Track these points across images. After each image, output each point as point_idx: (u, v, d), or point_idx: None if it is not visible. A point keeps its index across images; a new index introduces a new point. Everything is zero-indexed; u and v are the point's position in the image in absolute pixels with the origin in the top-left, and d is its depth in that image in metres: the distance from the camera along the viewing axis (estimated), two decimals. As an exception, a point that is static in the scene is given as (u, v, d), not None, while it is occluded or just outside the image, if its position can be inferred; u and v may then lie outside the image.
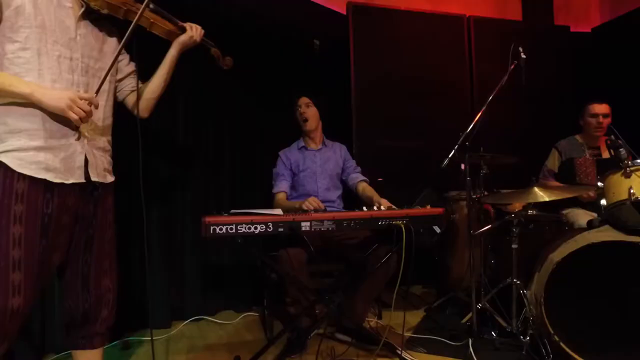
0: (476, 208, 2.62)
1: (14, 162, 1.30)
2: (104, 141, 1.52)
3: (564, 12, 4.25)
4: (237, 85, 3.00)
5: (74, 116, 1.30)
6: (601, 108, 2.86)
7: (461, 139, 2.23)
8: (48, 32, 1.34)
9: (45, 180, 1.32)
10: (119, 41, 1.52)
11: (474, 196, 2.51)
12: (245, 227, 1.73)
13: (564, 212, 2.81)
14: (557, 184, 2.89)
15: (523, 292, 2.17)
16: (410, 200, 2.93)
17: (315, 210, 2.00)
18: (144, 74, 1.67)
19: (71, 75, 1.39)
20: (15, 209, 1.28)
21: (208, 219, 1.70)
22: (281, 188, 2.51)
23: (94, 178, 1.43)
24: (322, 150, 2.66)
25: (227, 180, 2.97)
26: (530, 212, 2.51)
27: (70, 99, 1.30)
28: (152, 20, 1.55)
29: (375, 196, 2.39)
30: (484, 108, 2.31)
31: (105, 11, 1.43)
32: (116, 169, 1.59)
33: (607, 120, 2.86)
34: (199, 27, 1.68)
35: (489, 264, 2.68)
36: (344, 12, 3.45)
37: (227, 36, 2.94)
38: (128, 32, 1.41)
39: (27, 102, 1.31)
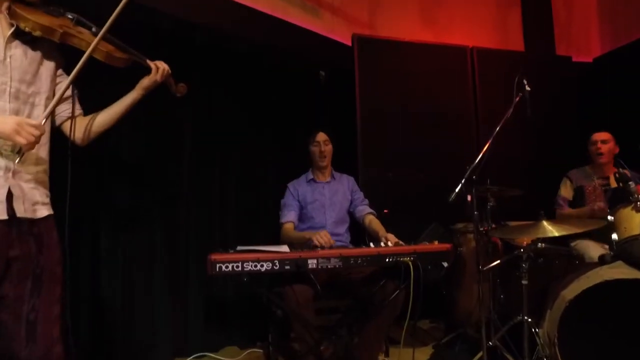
0: (484, 241, 2.58)
1: None
2: (38, 171, 1.38)
3: (565, 42, 4.31)
4: (243, 116, 3.03)
5: (22, 140, 1.22)
6: (600, 135, 2.92)
7: (467, 172, 2.21)
8: None
9: None
10: (59, 63, 1.45)
11: (482, 229, 2.48)
12: (251, 265, 1.71)
13: (573, 244, 2.77)
14: (570, 210, 2.91)
15: (535, 330, 2.11)
16: (417, 232, 2.90)
17: (322, 247, 1.98)
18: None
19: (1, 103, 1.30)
20: None
21: (214, 257, 1.68)
22: (289, 218, 2.50)
23: (19, 214, 1.29)
24: (331, 183, 2.67)
25: (232, 212, 2.95)
26: (539, 245, 2.47)
27: (17, 123, 1.23)
28: (106, 51, 1.41)
29: (382, 231, 2.37)
30: (490, 141, 2.31)
31: (37, 33, 1.30)
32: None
33: (607, 146, 2.89)
34: (165, 67, 1.57)
35: (498, 298, 2.62)
36: (349, 44, 3.51)
37: (234, 68, 3.02)
38: (79, 65, 1.31)
39: None
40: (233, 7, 3.04)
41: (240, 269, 1.70)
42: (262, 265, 1.72)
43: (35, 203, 1.35)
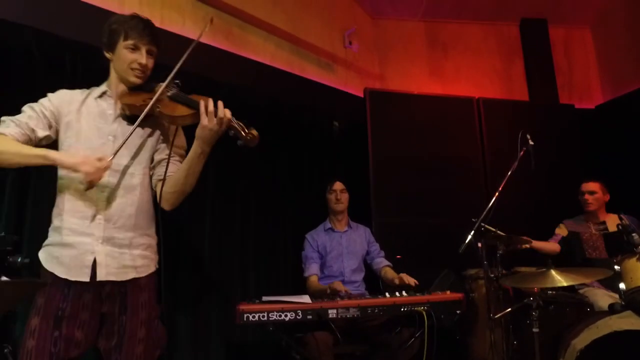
0: (495, 287, 2.67)
1: (43, 256, 1.45)
2: (133, 237, 1.48)
3: (567, 91, 4.51)
4: (262, 168, 3.19)
5: (87, 169, 1.32)
6: (587, 186, 3.03)
7: (476, 224, 2.35)
8: (82, 140, 1.46)
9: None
10: (164, 131, 1.56)
11: (492, 275, 2.58)
12: (276, 315, 1.84)
13: (582, 291, 2.84)
14: (557, 246, 2.99)
15: (548, 379, 2.16)
16: (429, 277, 2.99)
17: (341, 297, 2.10)
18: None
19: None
20: (38, 301, 1.39)
21: (242, 307, 1.82)
22: (312, 271, 2.63)
23: (100, 278, 1.40)
24: (348, 232, 2.81)
25: (251, 261, 3.04)
26: (549, 292, 2.54)
27: (85, 156, 1.36)
28: (168, 113, 1.44)
29: (397, 276, 2.48)
30: (496, 194, 2.45)
31: (128, 112, 1.47)
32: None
33: (594, 197, 2.99)
34: (220, 108, 1.42)
35: (511, 345, 2.68)
36: (362, 95, 3.75)
37: (254, 121, 3.22)
38: (137, 121, 1.40)
39: (66, 204, 1.43)
40: (253, 65, 3.31)
41: (266, 318, 1.83)
42: (286, 315, 1.85)
43: (124, 267, 1.45)
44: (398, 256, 3.10)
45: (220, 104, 1.42)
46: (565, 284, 2.16)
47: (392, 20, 4.41)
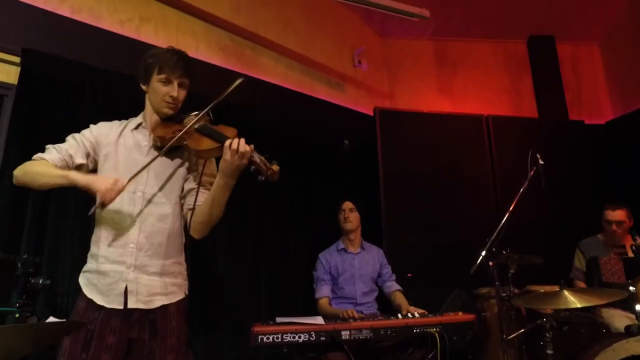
0: (507, 307, 2.66)
1: (82, 281, 1.52)
2: (164, 265, 1.52)
3: (577, 107, 4.51)
4: (271, 186, 3.17)
5: (100, 186, 1.37)
6: (615, 215, 2.92)
7: (488, 244, 2.35)
8: (120, 171, 1.52)
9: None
10: (190, 163, 1.59)
11: (504, 295, 2.57)
12: (290, 336, 1.86)
13: (597, 312, 2.80)
14: (583, 285, 2.93)
15: (563, 402, 2.14)
16: (439, 295, 2.99)
17: (355, 319, 2.11)
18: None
19: (132, 207, 1.50)
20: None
21: (256, 329, 1.84)
22: (323, 293, 2.65)
23: (131, 305, 1.45)
24: (361, 253, 2.83)
25: (263, 280, 3.05)
26: (563, 313, 2.52)
27: (100, 177, 1.44)
28: (194, 147, 1.47)
29: (404, 304, 2.50)
30: (507, 214, 2.46)
31: (159, 144, 1.52)
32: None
33: (623, 227, 2.90)
34: (240, 147, 1.41)
35: (525, 366, 2.65)
36: (371, 114, 3.80)
37: (264, 140, 3.26)
38: (162, 151, 1.46)
39: (102, 232, 1.51)
40: (264, 85, 3.39)
41: (280, 340, 1.85)
42: (299, 336, 1.87)
43: (153, 294, 1.49)
44: (409, 274, 3.10)
45: (242, 139, 1.44)
46: (578, 305, 2.14)
47: (400, 39, 4.49)
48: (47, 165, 1.48)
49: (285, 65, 3.62)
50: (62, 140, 2.28)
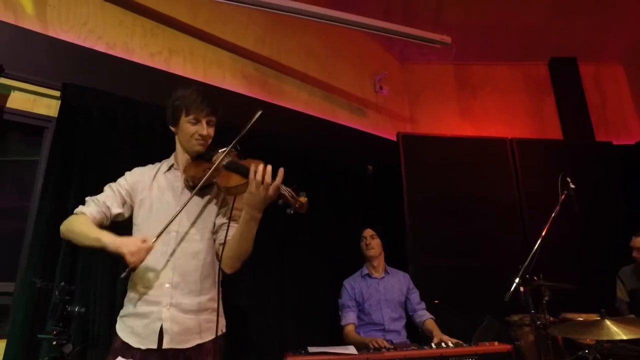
0: (543, 336, 2.56)
1: (119, 326, 1.55)
2: (200, 302, 1.53)
3: (603, 127, 4.44)
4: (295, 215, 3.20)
5: (128, 249, 1.39)
6: (636, 242, 2.89)
7: (521, 270, 2.29)
8: (154, 214, 1.57)
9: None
10: (221, 199, 1.61)
11: (538, 323, 2.48)
12: (321, 367, 1.82)
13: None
14: (631, 316, 2.81)
15: None
16: (468, 322, 2.90)
17: (387, 349, 2.07)
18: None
19: (165, 247, 1.52)
20: None
21: (289, 358, 1.81)
22: (349, 320, 2.61)
23: (165, 345, 1.45)
24: (385, 278, 2.79)
25: (288, 309, 3.00)
26: (606, 344, 2.41)
27: (129, 239, 1.45)
28: (223, 185, 1.47)
29: (436, 332, 2.43)
30: (539, 241, 2.40)
31: (191, 184, 1.54)
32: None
33: None
34: (267, 174, 1.39)
35: (565, 399, 2.53)
36: (393, 138, 3.81)
37: (288, 167, 3.30)
38: (192, 194, 1.48)
39: (138, 275, 1.53)
40: (287, 112, 3.45)
41: (311, 370, 1.81)
42: (331, 367, 1.83)
43: (188, 333, 1.50)
44: (436, 300, 3.03)
45: (268, 170, 1.40)
46: (624, 337, 2.04)
47: (420, 64, 4.54)
48: (87, 225, 1.52)
49: (307, 92, 3.69)
50: (97, 167, 2.38)
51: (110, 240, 1.45)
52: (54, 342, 1.74)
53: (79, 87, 2.42)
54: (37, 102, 2.41)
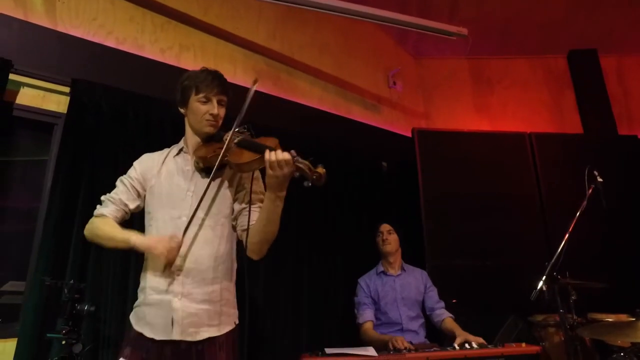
0: (571, 338, 2.44)
1: (133, 317, 1.50)
2: (212, 292, 1.46)
3: (626, 121, 4.29)
4: (309, 211, 3.13)
5: (160, 250, 1.37)
6: None
7: (548, 268, 2.18)
8: (164, 200, 1.52)
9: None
10: (237, 183, 1.55)
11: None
12: (340, 369, 1.74)
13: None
14: None
15: None
16: (487, 323, 2.79)
17: (408, 350, 1.98)
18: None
19: (177, 233, 1.45)
20: (125, 351, 1.43)
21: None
22: (367, 318, 2.52)
23: (175, 337, 1.39)
24: (401, 275, 2.70)
25: (305, 309, 2.94)
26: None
27: (158, 238, 1.43)
28: (235, 161, 1.42)
29: (458, 331, 2.33)
30: (567, 236, 2.29)
31: (201, 165, 1.49)
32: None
33: None
34: (279, 153, 1.35)
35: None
36: (408, 135, 3.71)
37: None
38: (212, 175, 1.42)
39: (149, 264, 1.50)
40: (301, 109, 3.38)
41: (329, 371, 1.73)
42: (350, 369, 1.74)
43: (199, 325, 1.42)
44: (454, 300, 2.93)
45: (279, 149, 1.38)
46: (661, 338, 1.93)
47: (435, 59, 4.44)
48: (111, 226, 1.49)
49: (320, 88, 3.62)
50: (107, 164, 2.33)
51: (139, 241, 1.44)
52: (64, 342, 1.70)
53: (88, 82, 2.38)
54: (46, 98, 2.37)
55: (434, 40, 3.67)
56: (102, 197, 1.59)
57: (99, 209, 1.55)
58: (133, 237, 1.44)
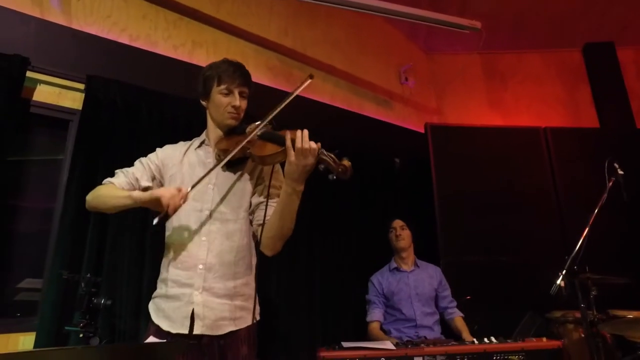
0: (591, 334, 2.38)
1: (152, 308, 1.48)
2: (234, 286, 1.44)
3: (645, 115, 4.19)
4: (321, 208, 3.11)
5: (162, 192, 1.32)
6: None
7: (568, 263, 2.14)
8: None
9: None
10: (257, 177, 1.53)
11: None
12: (358, 362, 1.72)
13: None
14: None
15: None
16: (503, 319, 2.74)
17: (427, 344, 1.95)
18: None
19: (199, 226, 1.45)
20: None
21: (323, 354, 1.73)
22: (374, 317, 2.50)
23: (197, 331, 1.37)
24: (415, 271, 2.67)
25: (318, 305, 2.92)
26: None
27: (163, 187, 1.42)
28: (258, 154, 1.39)
29: (465, 332, 2.31)
30: (587, 229, 2.24)
31: (222, 157, 1.44)
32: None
33: None
34: (305, 139, 1.30)
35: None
36: (421, 131, 3.68)
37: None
38: (227, 159, 1.40)
39: (170, 255, 1.47)
40: (313, 105, 3.36)
41: (346, 366, 1.71)
42: (368, 363, 1.72)
43: (221, 319, 1.41)
44: (468, 297, 2.89)
45: (305, 135, 1.31)
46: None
47: (447, 54, 4.39)
48: (114, 189, 1.48)
49: (332, 84, 3.60)
50: (121, 160, 2.33)
51: (141, 193, 1.38)
52: (81, 335, 1.70)
53: (103, 79, 2.40)
54: (62, 95, 2.39)
55: (445, 35, 3.63)
56: (116, 170, 1.56)
57: (108, 179, 1.52)
58: (135, 192, 1.40)
